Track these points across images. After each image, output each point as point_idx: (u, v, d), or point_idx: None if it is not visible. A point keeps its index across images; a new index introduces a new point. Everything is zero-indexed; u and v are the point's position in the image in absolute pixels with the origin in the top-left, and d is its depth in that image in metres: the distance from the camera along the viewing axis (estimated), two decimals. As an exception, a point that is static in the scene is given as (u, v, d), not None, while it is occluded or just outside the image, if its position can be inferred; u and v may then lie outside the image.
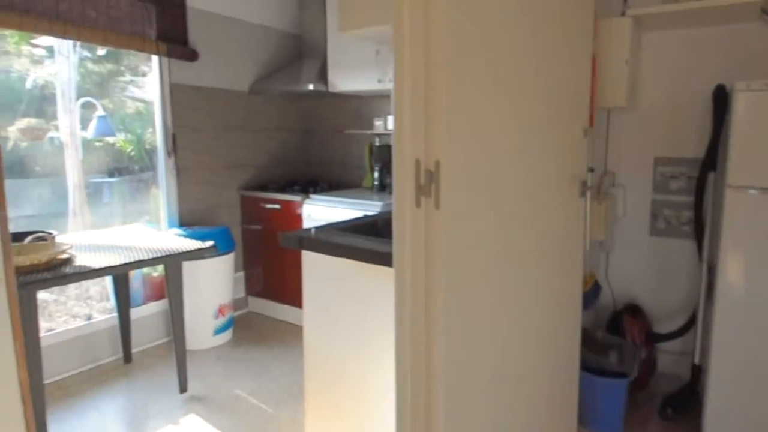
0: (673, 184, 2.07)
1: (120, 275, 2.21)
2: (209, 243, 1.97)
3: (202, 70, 2.76)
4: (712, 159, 1.79)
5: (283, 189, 2.92)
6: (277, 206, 2.84)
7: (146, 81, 2.38)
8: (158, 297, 2.65)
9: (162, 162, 2.67)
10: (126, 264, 1.67)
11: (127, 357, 2.42)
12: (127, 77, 2.44)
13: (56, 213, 2.21)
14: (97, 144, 2.32)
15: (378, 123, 2.90)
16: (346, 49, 2.70)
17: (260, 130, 3.16)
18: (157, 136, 2.65)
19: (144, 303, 2.62)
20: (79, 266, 1.60)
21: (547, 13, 1.21)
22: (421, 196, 0.89)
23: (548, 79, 1.25)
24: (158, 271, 2.60)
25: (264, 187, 3.04)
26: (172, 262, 1.86)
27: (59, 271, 1.54)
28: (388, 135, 2.95)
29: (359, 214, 2.37)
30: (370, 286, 1.29)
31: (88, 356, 2.37)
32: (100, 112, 2.30)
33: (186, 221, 2.77)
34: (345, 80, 2.75)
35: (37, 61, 2.05)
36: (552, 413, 1.52)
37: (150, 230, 2.36)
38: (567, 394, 1.61)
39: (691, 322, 1.90)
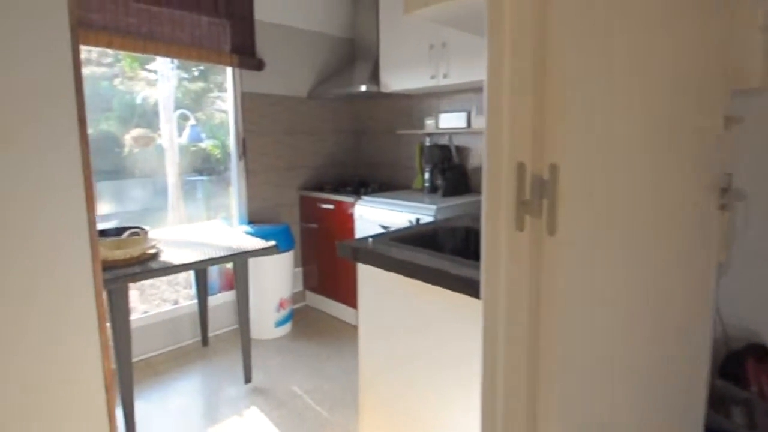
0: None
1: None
2: (271, 243, 2.01)
3: (268, 79, 2.75)
4: None
5: (336, 189, 2.82)
6: (330, 206, 2.76)
7: (228, 96, 2.64)
8: (231, 287, 2.68)
9: (234, 164, 2.72)
10: (201, 261, 1.76)
11: (205, 341, 2.50)
12: (215, 93, 2.74)
13: (159, 207, 2.53)
14: (192, 149, 2.66)
15: (429, 122, 2.73)
16: (398, 47, 2.56)
17: (317, 132, 3.12)
18: (230, 140, 2.74)
19: (219, 292, 2.71)
20: (163, 262, 1.71)
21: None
22: (525, 215, 0.59)
23: (678, 47, 0.86)
24: (230, 264, 2.83)
25: (320, 188, 2.96)
26: (239, 260, 1.94)
27: (147, 266, 1.66)
28: (440, 134, 2.75)
29: (411, 216, 2.23)
30: (433, 309, 1.06)
31: (174, 337, 2.49)
32: (192, 121, 2.60)
33: (253, 218, 2.79)
34: (397, 79, 2.61)
35: (147, 82, 2.45)
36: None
37: (224, 227, 2.41)
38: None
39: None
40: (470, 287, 0.92)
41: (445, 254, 1.14)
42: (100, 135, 2.37)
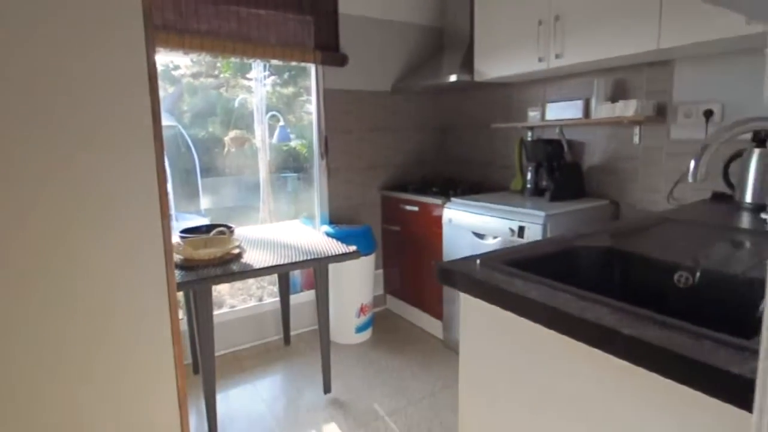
0: None
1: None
2: (352, 248, 1.90)
3: (351, 74, 2.64)
4: None
5: (421, 190, 2.60)
6: (415, 208, 2.55)
7: (311, 94, 2.63)
8: (313, 286, 2.56)
9: (317, 163, 2.65)
10: (280, 266, 1.69)
11: (287, 339, 2.49)
12: (304, 97, 2.77)
13: (251, 203, 2.66)
14: (284, 148, 2.76)
15: (532, 114, 2.34)
16: (497, 28, 2.23)
17: (400, 129, 2.93)
18: (313, 139, 2.66)
19: (301, 290, 2.68)
20: (244, 264, 1.67)
21: None
22: None
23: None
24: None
25: (403, 188, 2.77)
26: (320, 265, 1.84)
27: (228, 268, 1.62)
28: (544, 127, 2.39)
29: (512, 224, 1.92)
30: (587, 380, 0.73)
31: (258, 333, 2.52)
32: (281, 123, 2.66)
33: (335, 218, 2.70)
34: (494, 66, 2.28)
35: (245, 89, 2.58)
36: None
37: (305, 228, 2.35)
38: None
39: None
40: (700, 377, 0.54)
41: (601, 295, 0.79)
42: (207, 137, 2.55)
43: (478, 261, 0.98)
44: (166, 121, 2.43)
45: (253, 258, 1.77)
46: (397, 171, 2.98)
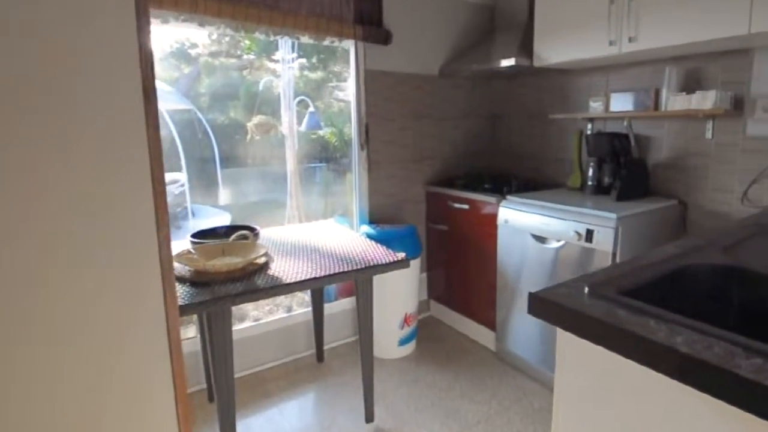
0: None
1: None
2: (401, 255, 1.58)
3: (395, 54, 2.34)
4: None
5: (470, 186, 2.34)
6: (465, 206, 2.28)
7: (347, 85, 2.40)
8: (349, 293, 2.37)
9: (356, 155, 2.36)
10: (318, 279, 1.38)
11: (320, 356, 2.19)
12: (334, 83, 2.53)
13: (278, 196, 2.38)
14: (312, 137, 2.49)
15: (595, 104, 2.06)
16: (562, 8, 1.94)
17: (447, 118, 2.62)
18: (352, 127, 2.35)
19: (336, 299, 2.40)
20: (273, 277, 1.36)
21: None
22: None
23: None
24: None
25: (450, 183, 2.50)
26: (363, 276, 1.52)
27: (252, 283, 1.30)
28: (608, 119, 2.07)
29: (578, 227, 1.66)
30: None
31: (286, 349, 2.20)
32: (311, 108, 2.39)
33: (375, 217, 2.44)
34: (557, 49, 1.98)
35: (271, 72, 2.32)
36: None
37: (341, 228, 2.05)
38: None
39: None
40: None
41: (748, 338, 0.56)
42: (228, 123, 2.31)
43: (586, 289, 0.74)
44: (180, 104, 2.19)
45: (283, 268, 1.46)
46: (443, 165, 2.70)
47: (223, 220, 2.27)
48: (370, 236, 2.15)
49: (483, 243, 2.21)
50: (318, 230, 2.02)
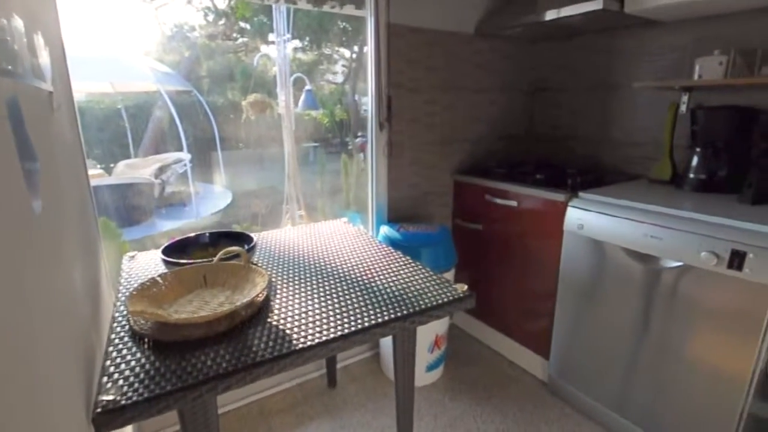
0: None
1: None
2: (462, 287, 1.04)
3: (420, 5, 1.77)
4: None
5: (516, 177, 1.83)
6: (512, 202, 1.76)
7: (336, 69, 2.41)
8: None
9: (373, 137, 1.80)
10: (344, 337, 0.84)
11: (331, 379, 1.78)
12: (324, 65, 2.45)
13: (277, 183, 2.04)
14: (306, 117, 2.32)
15: (708, 63, 1.44)
16: None
17: (482, 90, 2.07)
18: (369, 99, 1.77)
19: None
20: (275, 331, 0.83)
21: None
22: None
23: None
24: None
25: (485, 172, 1.99)
26: (407, 327, 0.94)
27: (246, 348, 0.77)
28: (725, 91, 1.54)
29: (717, 247, 1.13)
30: None
31: (292, 371, 1.80)
32: (308, 87, 2.11)
33: (395, 214, 1.93)
34: None
35: (265, 56, 2.14)
36: None
37: (358, 233, 1.51)
38: None
39: None
40: None
41: None
42: (226, 104, 2.23)
43: None
44: (181, 86, 2.19)
45: (290, 309, 0.95)
46: (474, 148, 2.16)
47: (226, 198, 2.30)
48: (393, 243, 1.64)
49: (537, 251, 1.72)
50: (329, 235, 1.50)
